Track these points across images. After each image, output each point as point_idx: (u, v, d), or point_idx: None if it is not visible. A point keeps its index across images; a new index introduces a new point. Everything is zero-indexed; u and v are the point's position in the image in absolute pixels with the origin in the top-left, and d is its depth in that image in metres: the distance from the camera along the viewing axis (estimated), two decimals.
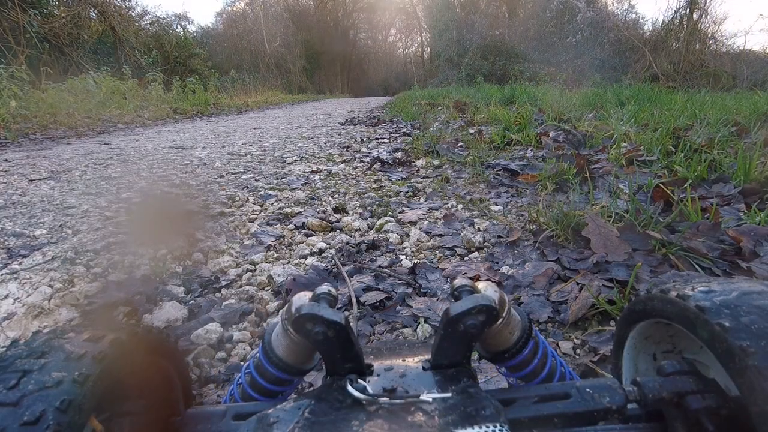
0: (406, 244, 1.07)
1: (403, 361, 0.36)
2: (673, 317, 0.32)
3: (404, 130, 3.51)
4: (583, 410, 0.31)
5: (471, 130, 2.95)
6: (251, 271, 0.93)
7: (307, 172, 1.98)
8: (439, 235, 1.13)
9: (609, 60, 11.73)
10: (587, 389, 0.32)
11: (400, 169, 1.96)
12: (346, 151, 2.59)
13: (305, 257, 1.01)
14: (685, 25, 10.93)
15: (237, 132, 4.01)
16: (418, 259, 0.98)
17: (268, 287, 0.86)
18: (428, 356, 0.36)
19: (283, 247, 1.08)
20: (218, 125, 5.30)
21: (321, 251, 1.05)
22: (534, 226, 1.12)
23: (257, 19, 22.93)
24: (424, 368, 0.35)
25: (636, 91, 5.41)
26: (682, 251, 0.91)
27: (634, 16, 13.91)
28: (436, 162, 2.04)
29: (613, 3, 14.29)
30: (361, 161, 2.20)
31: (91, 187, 1.71)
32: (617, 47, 11.92)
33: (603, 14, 13.34)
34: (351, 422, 0.27)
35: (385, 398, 0.29)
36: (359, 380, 0.32)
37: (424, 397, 0.29)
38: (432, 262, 0.97)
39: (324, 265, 0.95)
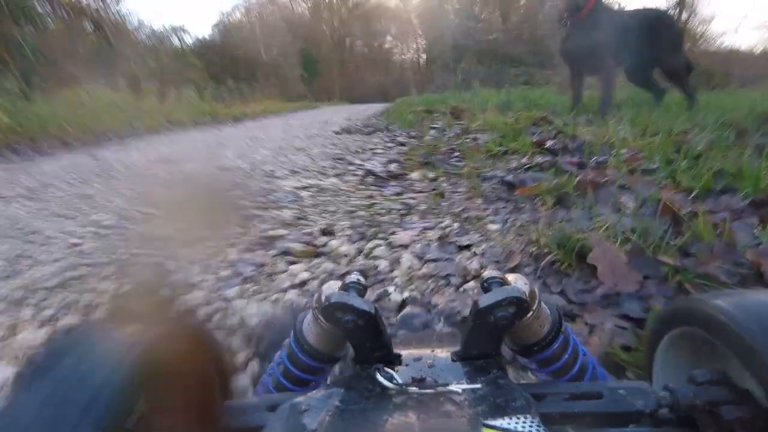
0: (396, 272, 0.99)
1: (432, 351, 0.36)
2: (719, 339, 0.30)
3: (399, 138, 3.44)
4: (614, 411, 0.30)
5: (467, 139, 2.88)
6: (223, 309, 0.84)
7: (296, 188, 1.90)
8: (433, 260, 1.04)
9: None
10: (619, 391, 0.32)
11: (393, 183, 1.88)
12: (339, 163, 2.51)
13: (285, 290, 0.93)
14: None
15: (230, 143, 3.94)
16: (409, 291, 0.89)
17: (240, 331, 0.77)
18: (457, 347, 0.36)
19: (262, 277, 1.00)
20: (212, 135, 5.24)
21: (303, 283, 0.96)
22: (535, 249, 1.03)
23: (253, 29, 23.09)
24: (453, 359, 0.34)
25: (631, 93, 5.36)
26: (698, 278, 0.83)
27: None
28: (431, 174, 1.95)
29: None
30: (354, 174, 2.12)
31: (63, 207, 1.62)
32: None
33: None
34: (380, 411, 0.27)
35: (414, 388, 0.29)
36: (388, 369, 0.32)
37: (453, 387, 0.29)
38: (424, 294, 0.88)
39: (306, 300, 0.86)
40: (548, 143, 2.24)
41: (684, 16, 11.46)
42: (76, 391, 0.23)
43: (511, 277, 0.37)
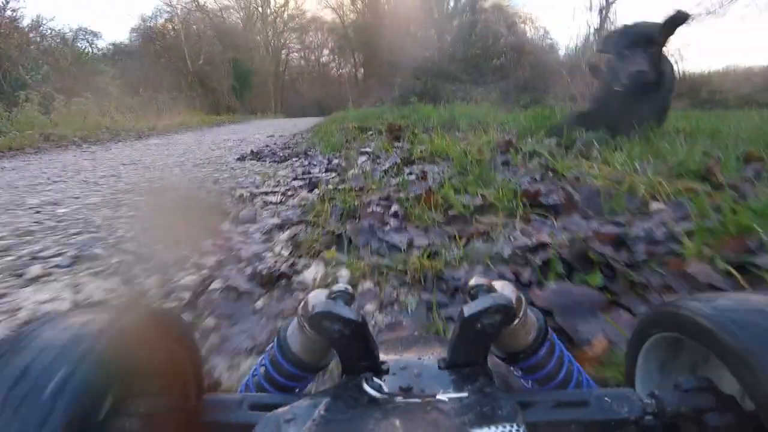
0: None
1: (419, 359, 0.36)
2: (701, 343, 0.30)
3: (316, 170, 2.45)
4: (600, 419, 0.30)
5: (410, 175, 1.98)
6: None
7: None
8: None
9: (531, 81, 12.05)
10: (605, 398, 0.31)
11: (264, 300, 0.86)
12: (197, 228, 1.44)
13: None
14: (594, 50, 11.56)
15: (80, 174, 2.66)
16: None
17: None
18: (444, 354, 0.35)
19: None
20: (83, 159, 3.93)
21: None
22: None
23: (178, 35, 20.99)
24: (439, 367, 0.34)
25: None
26: None
27: (550, 41, 14.80)
28: (345, 270, 0.98)
29: (530, 29, 15.10)
30: (199, 267, 1.08)
31: None
32: (537, 70, 12.33)
33: (522, 39, 13.89)
34: (367, 421, 0.27)
35: (400, 397, 0.29)
36: (375, 379, 0.32)
37: (440, 396, 0.29)
38: None
39: None
40: (542, 190, 1.41)
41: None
42: (41, 384, 0.22)
43: (498, 284, 0.36)
